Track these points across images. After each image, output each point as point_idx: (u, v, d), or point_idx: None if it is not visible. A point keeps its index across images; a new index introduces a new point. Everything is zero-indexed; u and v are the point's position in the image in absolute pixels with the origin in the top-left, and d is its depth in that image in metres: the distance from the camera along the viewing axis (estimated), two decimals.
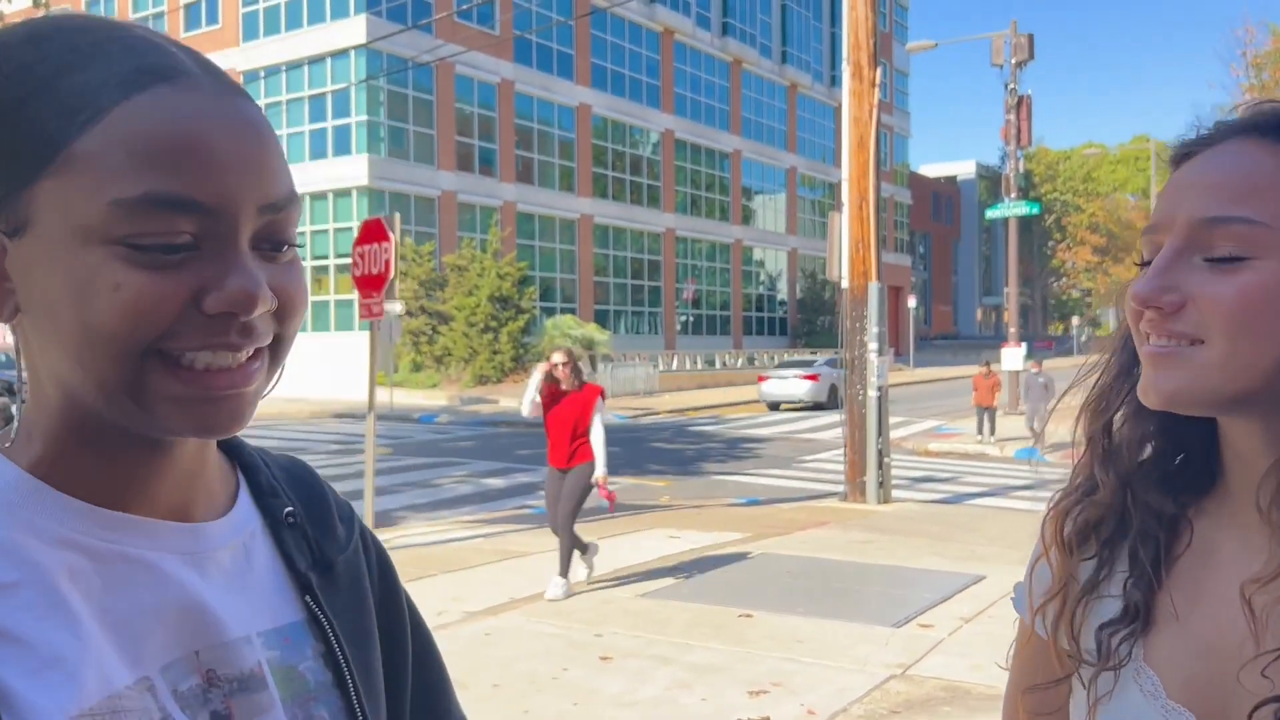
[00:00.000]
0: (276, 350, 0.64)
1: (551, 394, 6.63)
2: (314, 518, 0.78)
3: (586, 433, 6.57)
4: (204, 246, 0.59)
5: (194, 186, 0.58)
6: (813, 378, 24.31)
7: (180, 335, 0.58)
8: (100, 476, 0.63)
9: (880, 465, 10.84)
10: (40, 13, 13.48)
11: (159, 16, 30.75)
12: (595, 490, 6.65)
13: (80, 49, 0.60)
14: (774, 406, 25.04)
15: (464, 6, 26.98)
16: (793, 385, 24.55)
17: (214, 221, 0.59)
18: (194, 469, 0.68)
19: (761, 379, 25.57)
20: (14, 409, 0.65)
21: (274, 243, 0.63)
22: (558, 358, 6.59)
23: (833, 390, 22.40)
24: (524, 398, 6.74)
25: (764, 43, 42.14)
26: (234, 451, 0.76)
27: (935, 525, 9.59)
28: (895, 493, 11.37)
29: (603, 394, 6.77)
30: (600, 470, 6.55)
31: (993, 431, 17.41)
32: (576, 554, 6.79)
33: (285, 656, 0.70)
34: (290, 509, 0.76)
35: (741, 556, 7.89)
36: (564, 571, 6.62)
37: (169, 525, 0.66)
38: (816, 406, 24.11)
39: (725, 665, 5.17)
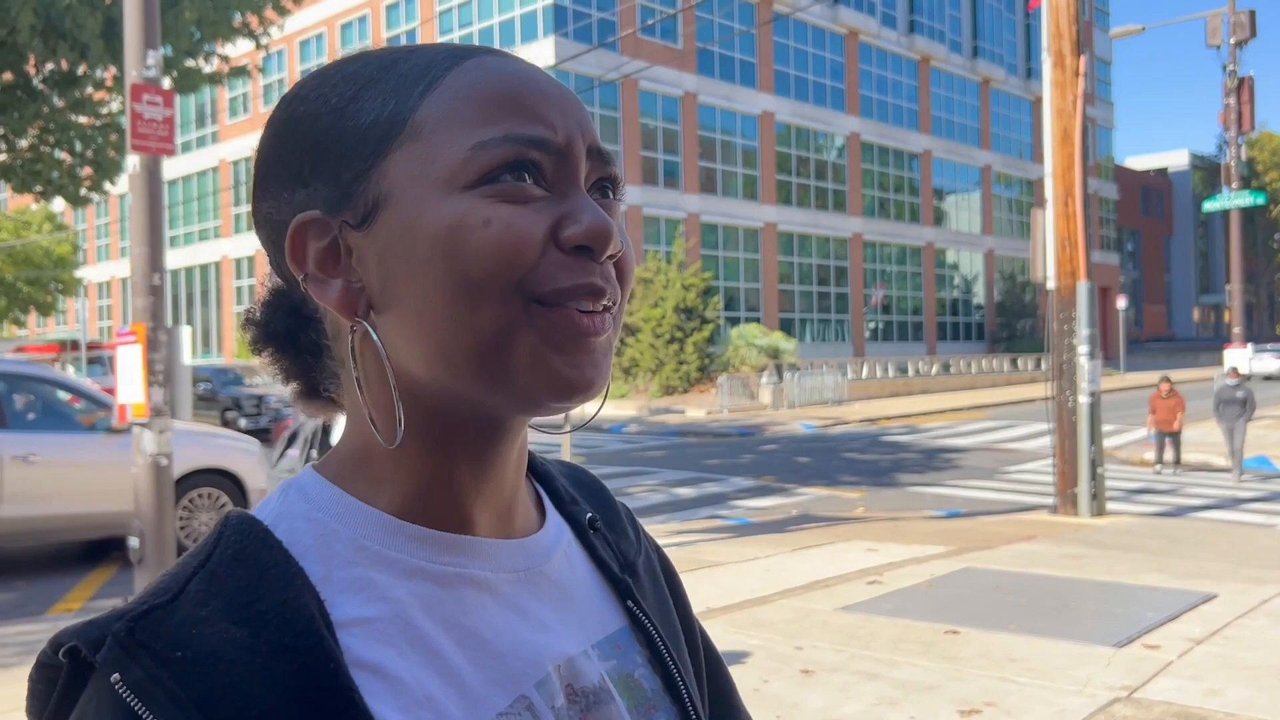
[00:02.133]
0: (616, 316, 0.63)
1: None
2: (609, 522, 0.78)
3: None
4: (553, 189, 0.60)
5: (542, 125, 0.59)
6: None
7: (547, 275, 0.58)
8: (441, 493, 0.63)
9: (1093, 476, 10.23)
10: (260, 55, 14.58)
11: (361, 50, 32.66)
12: None
13: (399, 51, 0.64)
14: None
15: (648, 23, 27.40)
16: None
17: (561, 162, 0.60)
18: (516, 475, 0.68)
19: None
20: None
21: (601, 190, 0.64)
22: None
23: None
24: None
25: (953, 38, 40.77)
26: (529, 463, 0.75)
27: (1156, 539, 8.95)
28: (1110, 505, 10.70)
29: None
30: None
31: (1177, 461, 14.53)
32: None
33: (621, 665, 0.69)
34: (592, 515, 0.75)
35: (945, 571, 7.59)
36: None
37: (503, 544, 0.65)
38: None
39: (934, 683, 4.96)
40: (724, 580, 7.36)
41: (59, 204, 29.61)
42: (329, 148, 0.61)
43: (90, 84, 12.61)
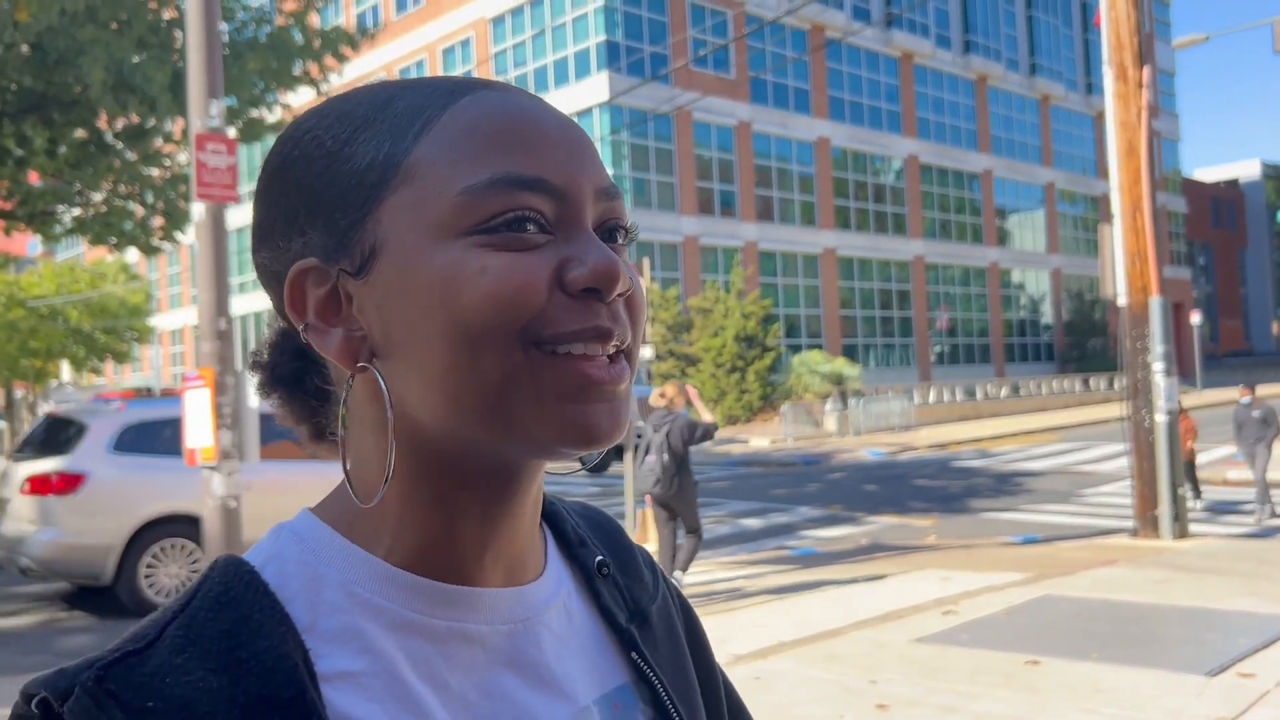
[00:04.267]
0: (630, 356, 0.60)
1: None
2: (622, 566, 0.73)
3: None
4: (556, 232, 0.58)
5: (539, 167, 0.57)
6: None
7: (551, 319, 0.56)
8: (444, 544, 0.60)
9: (1174, 497, 9.88)
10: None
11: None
12: None
13: (393, 88, 0.61)
14: None
15: (700, 54, 27.55)
16: None
17: (562, 204, 0.58)
18: (531, 523, 0.64)
19: None
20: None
21: (610, 231, 0.61)
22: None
23: None
24: None
25: (1010, 56, 40.33)
26: None
27: (1245, 562, 8.59)
28: (1193, 527, 10.34)
29: None
30: None
31: (1196, 494, 12.48)
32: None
33: None
34: (601, 559, 0.71)
35: (1023, 599, 7.36)
36: None
37: (503, 594, 0.62)
38: None
39: (1016, 715, 4.78)
40: (794, 613, 7.22)
41: (132, 254, 30.58)
42: (324, 193, 0.59)
43: (159, 136, 13.01)
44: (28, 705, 0.52)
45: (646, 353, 8.49)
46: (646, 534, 8.10)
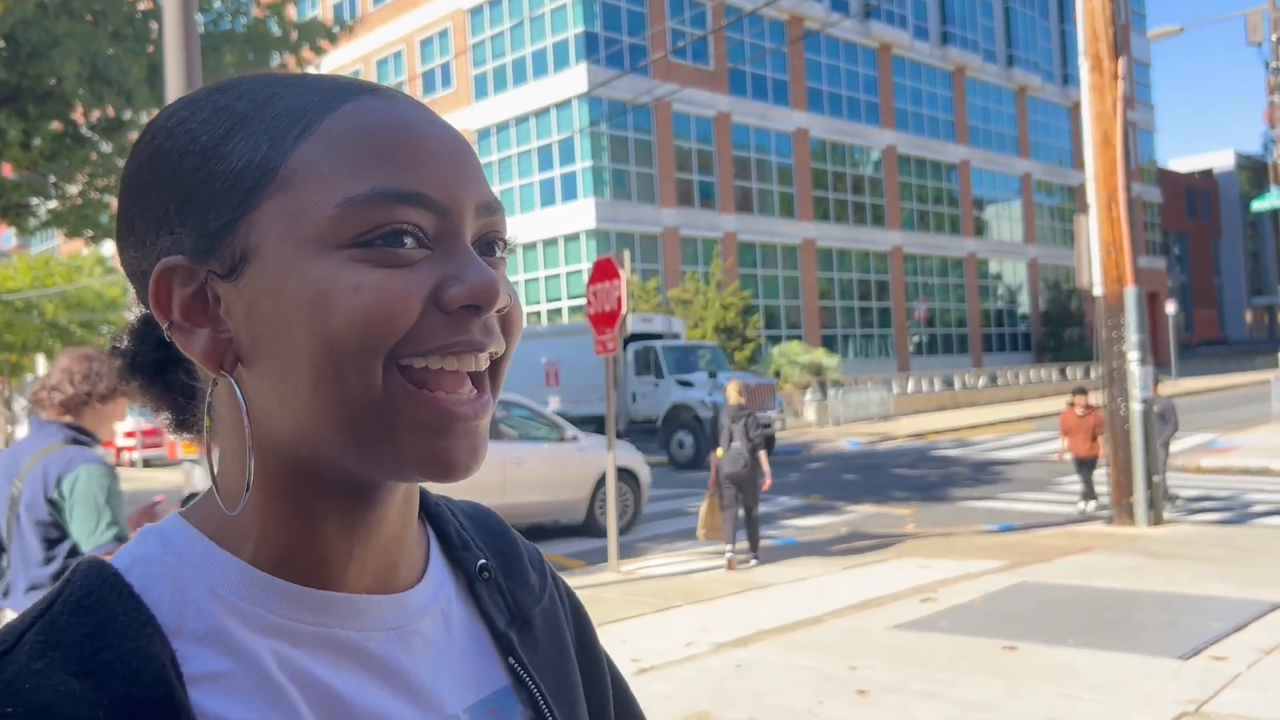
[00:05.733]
0: (495, 376, 0.60)
1: None
2: (506, 568, 0.73)
3: None
4: (435, 247, 0.57)
5: (420, 181, 0.56)
6: None
7: (422, 337, 0.55)
8: (308, 551, 0.59)
9: (1149, 485, 10.00)
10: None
11: (400, 86, 33.16)
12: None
13: (275, 84, 0.60)
14: None
15: (678, 45, 27.52)
16: None
17: (442, 219, 0.57)
18: (400, 530, 0.64)
19: None
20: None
21: (488, 246, 0.60)
22: None
23: None
24: None
25: (987, 47, 40.50)
26: (419, 501, 0.70)
27: (1217, 548, 8.72)
28: (1168, 514, 10.46)
29: None
30: None
31: (1091, 495, 11.42)
32: None
33: None
34: (484, 562, 0.70)
35: (1000, 586, 7.44)
36: None
37: (374, 600, 0.61)
38: None
39: (995, 701, 4.85)
40: (774, 601, 7.28)
41: (109, 247, 30.29)
42: (196, 192, 0.57)
43: (135, 129, 12.89)
44: None
45: None
46: (713, 518, 9.13)
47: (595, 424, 18.24)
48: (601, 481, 10.79)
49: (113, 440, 26.41)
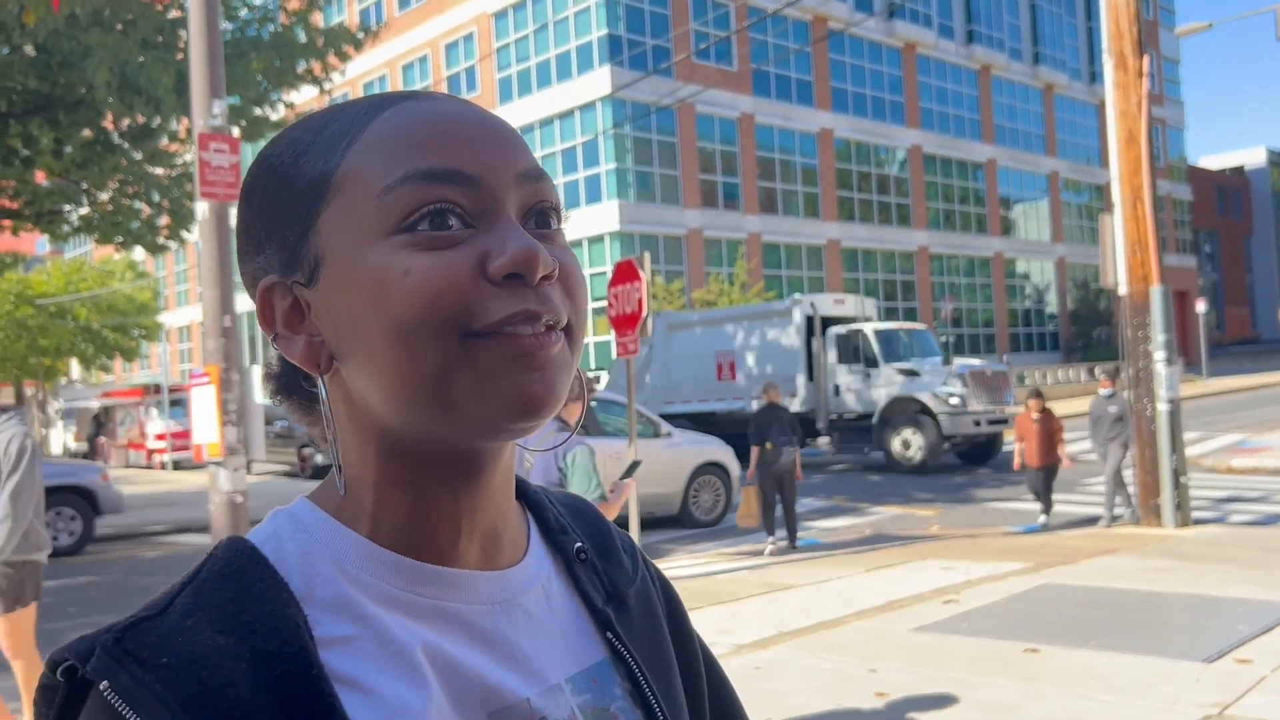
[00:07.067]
0: (571, 332, 0.63)
1: None
2: (601, 551, 0.77)
3: None
4: (478, 223, 0.61)
5: (452, 159, 0.60)
6: None
7: (480, 310, 0.59)
8: (420, 528, 0.65)
9: (1176, 485, 9.91)
10: (325, 100, 14.98)
11: (425, 89, 33.36)
12: None
13: (333, 110, 0.67)
14: None
15: (701, 46, 27.50)
16: None
17: (479, 192, 0.61)
18: (501, 508, 0.69)
19: None
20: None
21: (540, 216, 0.64)
22: None
23: None
24: None
25: (1013, 45, 40.21)
26: (519, 492, 0.76)
27: (1246, 550, 8.63)
28: (1196, 514, 10.36)
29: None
30: None
31: (1048, 508, 10.69)
32: None
33: (596, 699, 0.69)
34: (580, 545, 0.75)
35: (1023, 588, 7.41)
36: None
37: (479, 576, 0.66)
38: None
39: (1015, 703, 4.84)
40: (796, 602, 7.28)
41: (139, 253, 30.68)
42: (276, 213, 0.64)
43: (165, 135, 13.07)
44: (53, 674, 0.57)
45: None
46: (750, 508, 9.56)
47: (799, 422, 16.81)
48: (695, 474, 11.69)
49: (144, 443, 26.59)
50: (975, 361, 17.67)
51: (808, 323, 17.63)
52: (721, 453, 11.98)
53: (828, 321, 17.87)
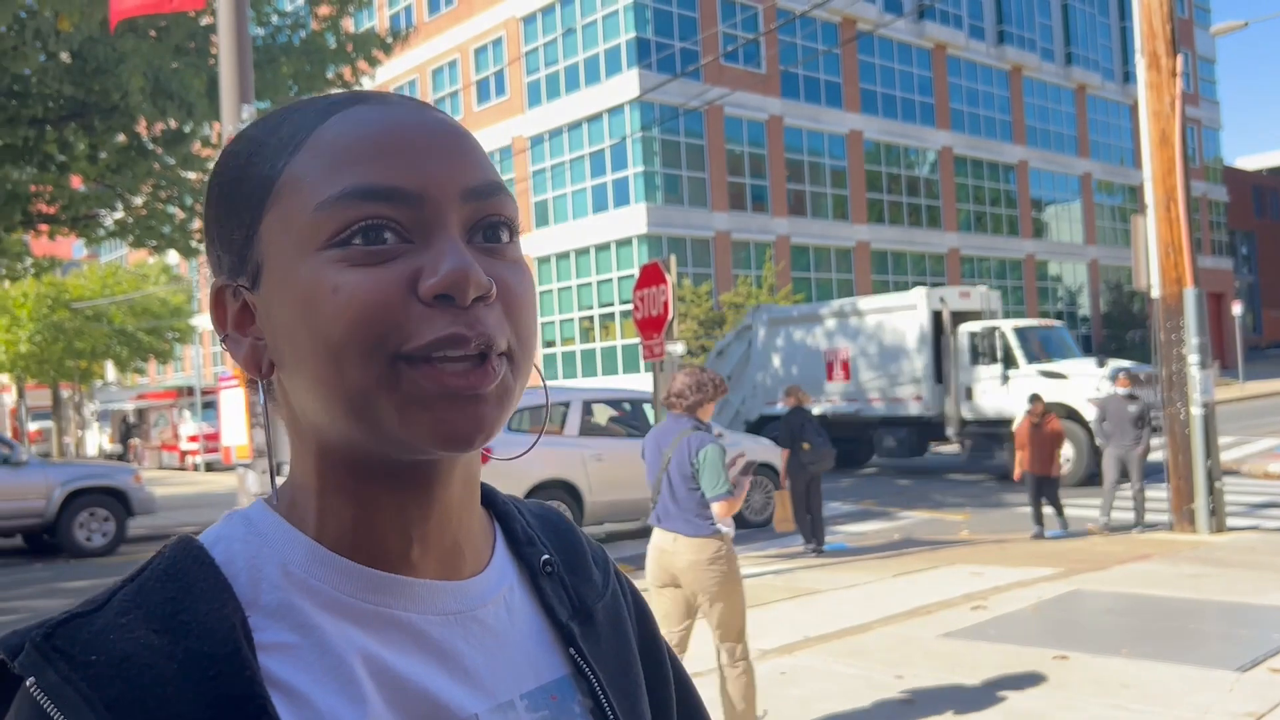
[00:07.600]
0: (512, 357, 0.61)
1: None
2: (570, 565, 0.75)
3: None
4: (416, 238, 0.59)
5: (392, 175, 0.59)
6: None
7: (410, 331, 0.57)
8: (365, 533, 0.63)
9: (1210, 490, 9.77)
10: None
11: (454, 95, 33.56)
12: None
13: (287, 110, 0.65)
14: None
15: (730, 49, 27.46)
16: None
17: (418, 209, 0.59)
18: (460, 518, 0.67)
19: None
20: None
21: (489, 230, 0.62)
22: None
23: None
24: None
25: (1045, 46, 39.83)
26: (488, 501, 0.74)
27: None
28: (1231, 521, 10.20)
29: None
30: None
31: (1040, 521, 10.19)
32: None
33: (553, 716, 0.67)
34: (547, 557, 0.73)
35: (1053, 594, 7.33)
36: None
37: (433, 586, 0.64)
38: None
39: (1042, 711, 4.79)
40: (823, 608, 7.24)
41: (173, 256, 31.05)
42: (228, 214, 0.64)
43: (197, 140, 13.22)
44: None
45: (678, 348, 8.54)
46: (786, 512, 9.40)
47: (908, 426, 15.63)
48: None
49: (177, 445, 26.87)
50: (1126, 363, 15.95)
51: (934, 318, 16.20)
52: (772, 453, 11.82)
53: (959, 317, 16.39)
